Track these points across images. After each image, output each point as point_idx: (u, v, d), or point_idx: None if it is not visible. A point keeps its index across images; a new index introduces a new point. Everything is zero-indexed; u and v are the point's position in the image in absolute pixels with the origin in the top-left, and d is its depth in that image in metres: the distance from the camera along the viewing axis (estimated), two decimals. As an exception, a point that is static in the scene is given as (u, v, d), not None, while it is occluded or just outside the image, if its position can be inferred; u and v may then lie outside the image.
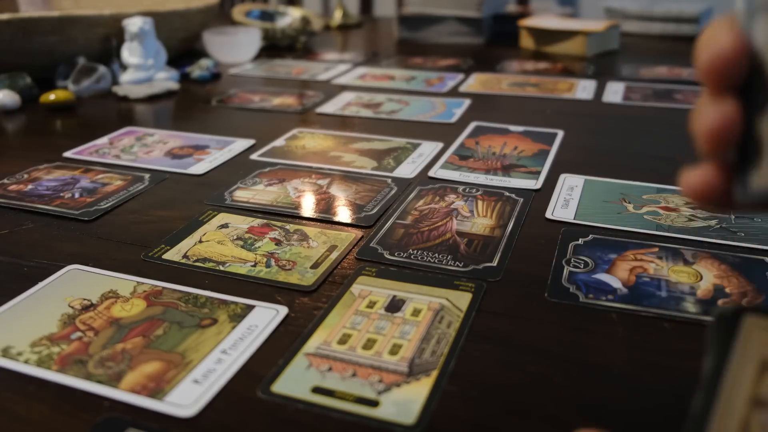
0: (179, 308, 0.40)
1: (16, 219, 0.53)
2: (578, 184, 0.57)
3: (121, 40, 0.95)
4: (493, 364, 0.35)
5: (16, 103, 0.83)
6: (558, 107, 0.83)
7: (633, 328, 0.37)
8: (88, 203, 0.55)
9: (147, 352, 0.36)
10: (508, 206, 0.53)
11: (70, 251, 0.47)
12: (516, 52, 1.17)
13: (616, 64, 1.07)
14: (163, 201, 0.56)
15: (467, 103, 0.84)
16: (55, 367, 0.35)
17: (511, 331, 0.37)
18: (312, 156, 0.66)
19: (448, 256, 0.45)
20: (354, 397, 0.32)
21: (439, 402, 0.32)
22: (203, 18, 1.12)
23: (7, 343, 0.37)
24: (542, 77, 0.98)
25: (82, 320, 0.39)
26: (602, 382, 0.33)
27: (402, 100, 0.86)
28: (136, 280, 0.43)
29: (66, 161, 0.66)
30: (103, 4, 1.11)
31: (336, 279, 0.43)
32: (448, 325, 0.38)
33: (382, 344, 0.36)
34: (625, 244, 0.46)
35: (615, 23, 1.17)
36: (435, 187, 0.58)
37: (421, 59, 1.12)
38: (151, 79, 0.94)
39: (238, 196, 0.56)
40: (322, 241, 0.48)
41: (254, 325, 0.38)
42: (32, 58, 0.91)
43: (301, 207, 0.54)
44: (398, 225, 0.50)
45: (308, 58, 1.15)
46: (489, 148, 0.67)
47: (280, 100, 0.88)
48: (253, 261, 0.45)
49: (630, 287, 0.41)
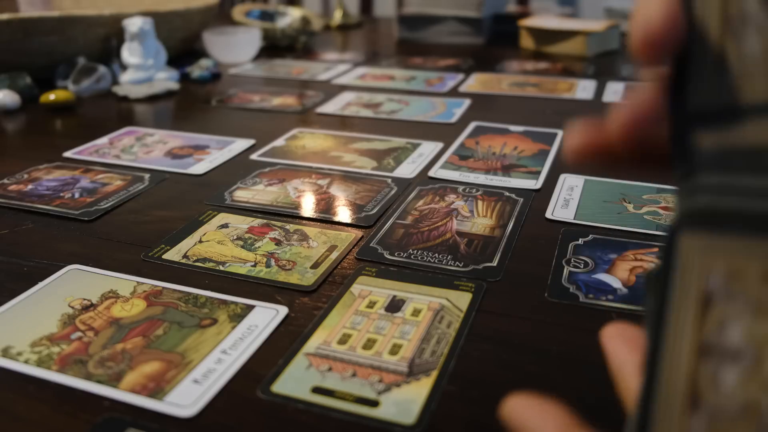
0: (179, 308, 0.40)
1: (16, 219, 0.53)
2: (578, 184, 0.57)
3: (121, 40, 0.95)
4: (493, 364, 0.35)
5: (16, 103, 0.83)
6: (558, 107, 0.83)
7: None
8: (88, 203, 0.55)
9: (147, 352, 0.36)
10: (508, 206, 0.53)
11: (70, 251, 0.47)
12: (516, 52, 1.17)
13: (616, 64, 1.07)
14: (163, 201, 0.56)
15: (467, 103, 0.84)
16: (55, 367, 0.35)
17: (511, 331, 0.37)
18: (312, 156, 0.66)
19: (448, 256, 0.45)
20: (354, 397, 0.32)
21: (439, 402, 0.32)
22: (203, 18, 1.12)
23: (7, 343, 0.37)
24: (542, 77, 0.98)
25: (82, 320, 0.39)
26: (602, 382, 0.33)
27: (402, 100, 0.86)
28: (136, 280, 0.43)
29: (66, 161, 0.66)
30: (103, 4, 1.11)
31: (336, 279, 0.43)
32: (448, 325, 0.38)
33: (382, 344, 0.36)
34: (625, 244, 0.46)
35: (615, 23, 1.17)
36: (435, 187, 0.58)
37: (421, 59, 1.12)
38: (151, 79, 0.94)
39: (238, 196, 0.56)
40: (322, 241, 0.48)
41: (254, 325, 0.38)
42: (32, 58, 0.91)
43: (301, 207, 0.54)
44: (398, 225, 0.50)
45: (308, 58, 1.15)
46: (489, 148, 0.67)
47: (280, 100, 0.88)
48: (253, 261, 0.45)
49: (630, 287, 0.41)
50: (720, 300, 0.14)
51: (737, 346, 0.14)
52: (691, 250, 0.15)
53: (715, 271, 0.14)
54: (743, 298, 0.14)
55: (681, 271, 0.15)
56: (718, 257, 0.14)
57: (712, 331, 0.14)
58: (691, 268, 0.15)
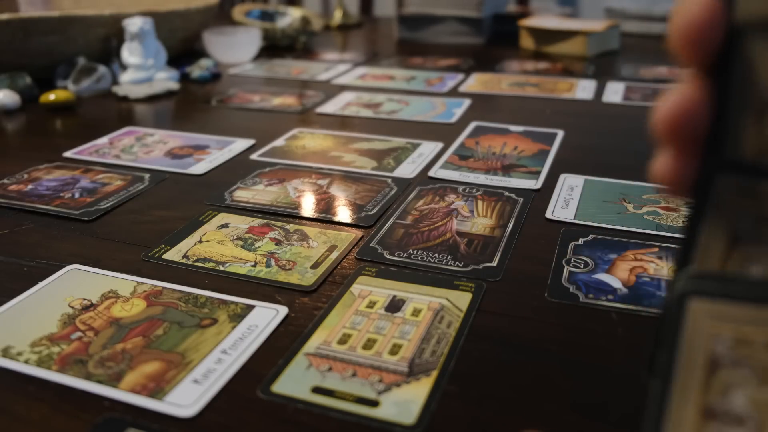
0: (179, 308, 0.40)
1: (16, 219, 0.53)
2: (578, 184, 0.57)
3: (121, 40, 0.95)
4: (492, 364, 0.35)
5: (16, 103, 0.83)
6: (558, 107, 0.83)
7: (633, 328, 0.37)
8: (88, 203, 0.55)
9: (147, 352, 0.36)
10: (508, 206, 0.53)
11: (70, 251, 0.47)
12: (516, 52, 1.17)
13: (616, 64, 1.07)
14: (163, 201, 0.56)
15: (467, 103, 0.84)
16: (55, 367, 0.35)
17: (511, 331, 0.37)
18: (312, 156, 0.66)
19: (448, 256, 0.45)
20: (354, 397, 0.32)
21: (439, 402, 0.32)
22: (203, 18, 1.12)
23: (7, 343, 0.37)
24: (542, 77, 0.98)
25: (82, 320, 0.39)
26: (602, 382, 0.33)
27: (402, 100, 0.86)
28: (136, 280, 0.43)
29: (66, 161, 0.66)
30: (103, 4, 1.11)
31: (336, 279, 0.43)
32: (448, 325, 0.38)
33: (382, 344, 0.36)
34: (625, 244, 0.46)
35: (615, 23, 1.17)
36: (435, 187, 0.58)
37: (421, 59, 1.12)
38: (151, 79, 0.94)
39: (238, 196, 0.56)
40: (322, 241, 0.48)
41: (254, 325, 0.38)
42: (32, 58, 0.91)
43: (301, 207, 0.54)
44: (398, 225, 0.50)
45: (308, 58, 1.15)
46: (489, 148, 0.67)
47: (280, 100, 0.88)
48: (253, 261, 0.45)
49: (630, 287, 0.41)
50: (726, 365, 0.14)
51: (741, 412, 0.14)
52: (699, 315, 0.15)
53: (722, 337, 0.15)
54: (749, 365, 0.14)
55: (688, 336, 0.15)
56: (726, 323, 0.15)
57: (717, 395, 0.14)
58: (699, 332, 0.15)
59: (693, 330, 0.15)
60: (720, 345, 0.15)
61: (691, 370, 0.15)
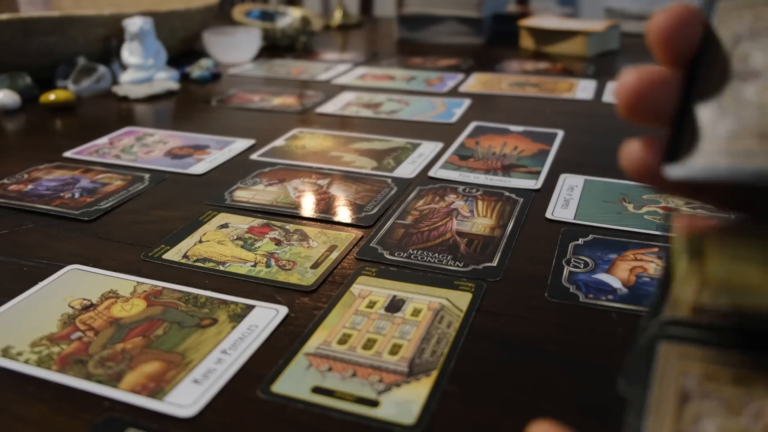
0: (179, 308, 0.40)
1: (16, 219, 0.53)
2: (578, 184, 0.57)
3: (121, 40, 0.95)
4: (492, 364, 0.35)
5: (16, 103, 0.83)
6: (558, 107, 0.83)
7: (633, 328, 0.37)
8: (88, 203, 0.55)
9: (147, 352, 0.36)
10: (508, 206, 0.53)
11: (70, 251, 0.47)
12: (516, 52, 1.17)
13: (616, 64, 1.07)
14: (163, 201, 0.56)
15: (467, 103, 0.84)
16: (55, 367, 0.35)
17: (511, 331, 0.37)
18: (312, 156, 0.66)
19: (448, 256, 0.45)
20: (354, 397, 0.32)
21: (439, 402, 0.32)
22: (203, 18, 1.12)
23: (7, 343, 0.37)
24: (542, 77, 0.98)
25: (82, 320, 0.39)
26: (602, 382, 0.33)
27: (402, 100, 0.86)
28: (136, 280, 0.43)
29: (66, 161, 0.66)
30: (103, 4, 1.11)
31: (336, 279, 0.43)
32: (448, 325, 0.38)
33: (382, 344, 0.36)
34: (625, 244, 0.46)
35: (615, 23, 1.17)
36: (435, 187, 0.58)
37: (421, 59, 1.12)
38: (151, 79, 0.94)
39: (238, 196, 0.56)
40: (322, 241, 0.48)
41: (254, 325, 0.38)
42: (32, 58, 0.91)
43: (301, 207, 0.54)
44: (398, 225, 0.50)
45: (308, 58, 1.15)
46: (489, 148, 0.67)
47: (280, 100, 0.88)
48: (253, 261, 0.45)
49: (630, 287, 0.41)
50: (695, 398, 0.16)
51: None
52: (670, 355, 0.17)
53: (691, 374, 0.16)
54: (717, 397, 0.16)
55: (660, 372, 0.17)
56: (694, 362, 0.16)
57: (689, 423, 0.16)
58: (670, 369, 0.16)
59: (664, 368, 0.17)
60: (689, 380, 0.16)
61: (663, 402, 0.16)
